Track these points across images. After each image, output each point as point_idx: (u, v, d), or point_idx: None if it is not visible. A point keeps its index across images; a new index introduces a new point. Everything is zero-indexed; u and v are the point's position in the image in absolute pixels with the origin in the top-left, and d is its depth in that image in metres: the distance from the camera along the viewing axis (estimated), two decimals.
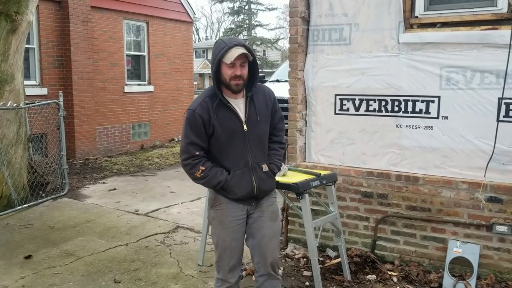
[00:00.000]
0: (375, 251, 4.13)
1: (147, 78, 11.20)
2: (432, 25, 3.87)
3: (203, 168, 2.65)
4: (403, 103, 3.97)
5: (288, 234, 4.56)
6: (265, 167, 2.77)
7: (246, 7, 50.29)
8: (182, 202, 6.29)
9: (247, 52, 2.56)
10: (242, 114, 2.68)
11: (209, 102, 2.64)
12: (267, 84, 9.82)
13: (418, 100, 3.90)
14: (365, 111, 4.15)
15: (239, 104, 2.69)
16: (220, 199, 2.75)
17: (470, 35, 3.65)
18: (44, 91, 8.80)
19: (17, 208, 5.79)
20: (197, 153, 2.66)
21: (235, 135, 2.66)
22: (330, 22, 4.24)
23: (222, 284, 2.82)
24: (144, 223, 5.39)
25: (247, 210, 2.78)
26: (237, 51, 2.54)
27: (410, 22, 3.92)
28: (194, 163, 2.66)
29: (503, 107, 3.57)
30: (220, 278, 2.83)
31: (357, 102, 4.18)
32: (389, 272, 3.86)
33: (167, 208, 6.01)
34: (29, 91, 7.67)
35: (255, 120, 2.71)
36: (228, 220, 2.75)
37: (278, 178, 3.44)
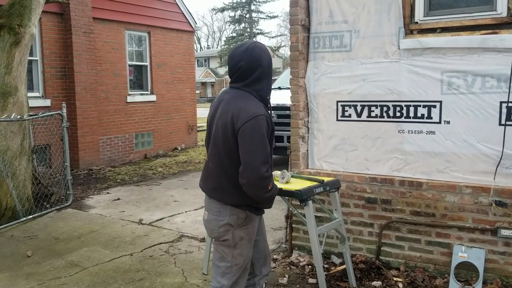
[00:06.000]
0: (380, 257, 4.11)
1: (149, 88, 11.26)
2: (432, 30, 3.88)
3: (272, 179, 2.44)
4: (404, 108, 3.98)
5: (293, 242, 4.55)
6: None
7: (247, 16, 50.51)
8: (186, 211, 6.29)
9: None
10: None
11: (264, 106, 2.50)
12: None
13: (419, 105, 3.91)
14: (367, 117, 4.16)
15: None
16: (251, 216, 2.54)
17: (470, 40, 3.66)
18: (47, 102, 8.86)
19: (22, 219, 5.80)
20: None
21: None
22: (331, 29, 4.26)
23: None
24: (148, 232, 5.39)
25: None
26: None
27: (410, 27, 3.94)
28: (271, 173, 2.41)
29: (505, 110, 3.58)
30: None
31: (359, 108, 4.19)
32: (395, 278, 3.84)
33: (171, 217, 6.02)
34: (33, 103, 7.73)
35: None
36: (254, 235, 2.61)
37: (281, 185, 3.45)
